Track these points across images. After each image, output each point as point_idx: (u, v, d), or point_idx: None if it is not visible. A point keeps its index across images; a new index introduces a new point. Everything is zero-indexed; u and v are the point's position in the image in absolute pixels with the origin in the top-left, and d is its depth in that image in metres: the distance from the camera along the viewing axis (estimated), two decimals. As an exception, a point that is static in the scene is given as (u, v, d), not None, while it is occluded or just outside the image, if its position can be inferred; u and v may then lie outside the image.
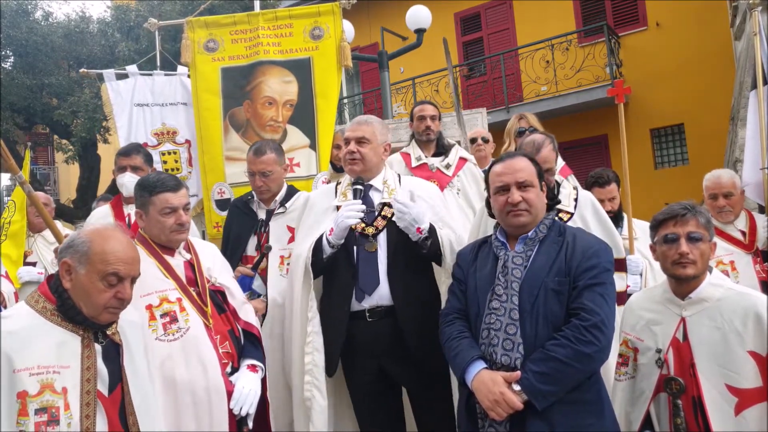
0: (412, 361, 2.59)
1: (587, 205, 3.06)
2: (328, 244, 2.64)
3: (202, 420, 2.30)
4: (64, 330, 1.85)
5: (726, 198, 3.57)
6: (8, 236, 3.86)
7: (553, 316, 2.08)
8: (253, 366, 2.46)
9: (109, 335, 1.95)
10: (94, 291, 1.86)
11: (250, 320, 2.59)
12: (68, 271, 1.88)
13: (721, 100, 9.04)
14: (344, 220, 2.58)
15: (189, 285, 2.45)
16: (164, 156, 4.79)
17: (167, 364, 2.29)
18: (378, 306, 2.62)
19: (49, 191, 16.83)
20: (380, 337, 2.61)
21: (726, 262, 3.48)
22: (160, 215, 2.46)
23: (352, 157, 2.76)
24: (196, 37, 4.53)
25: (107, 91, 4.96)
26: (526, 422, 2.01)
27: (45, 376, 1.75)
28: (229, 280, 2.64)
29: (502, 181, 2.25)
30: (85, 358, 1.84)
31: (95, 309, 1.87)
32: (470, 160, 4.20)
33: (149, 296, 2.35)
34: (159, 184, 2.48)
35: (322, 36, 4.44)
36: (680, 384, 2.11)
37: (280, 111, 4.39)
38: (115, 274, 1.88)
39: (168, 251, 2.51)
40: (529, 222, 2.23)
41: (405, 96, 12.22)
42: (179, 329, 2.35)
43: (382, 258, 2.66)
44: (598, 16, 11.13)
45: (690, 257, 2.13)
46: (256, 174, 3.24)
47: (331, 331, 2.66)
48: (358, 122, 2.85)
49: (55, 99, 11.38)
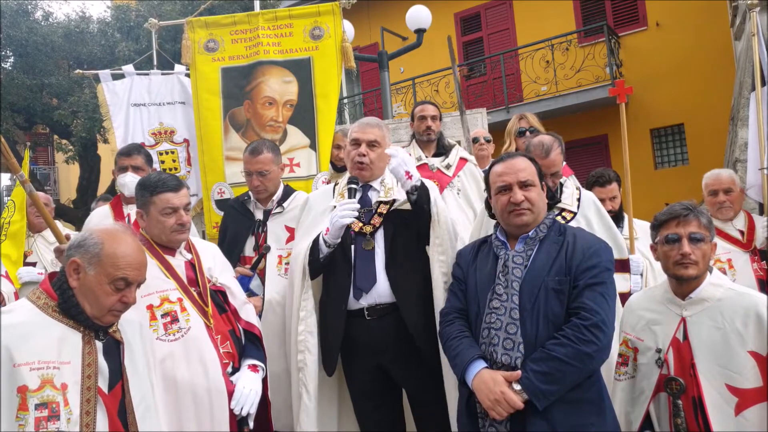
0: (412, 358, 2.59)
1: (590, 205, 3.06)
2: (324, 244, 2.64)
3: (203, 420, 2.30)
4: (65, 326, 1.86)
5: (726, 194, 3.59)
6: (8, 236, 3.85)
7: (554, 316, 2.08)
8: (254, 366, 2.46)
9: (110, 333, 1.96)
10: (101, 293, 1.87)
11: (252, 320, 2.59)
12: (76, 270, 1.88)
13: (721, 100, 9.04)
14: (339, 219, 2.57)
15: (190, 285, 2.46)
16: (162, 156, 4.78)
17: (168, 363, 2.29)
18: (377, 304, 2.62)
19: (49, 191, 16.82)
20: (379, 336, 2.61)
21: (723, 260, 3.49)
22: (160, 215, 2.46)
23: (362, 161, 2.72)
24: (197, 37, 4.53)
25: (103, 92, 4.96)
26: (527, 422, 2.01)
27: (45, 371, 1.75)
28: (230, 280, 2.64)
29: (504, 181, 2.25)
30: (86, 354, 1.85)
31: (99, 310, 1.88)
32: (470, 160, 4.19)
33: (150, 296, 2.34)
34: (160, 184, 2.49)
35: (322, 36, 4.44)
36: (680, 384, 2.11)
37: (281, 111, 4.39)
38: (124, 279, 1.89)
39: (169, 251, 2.51)
40: (531, 221, 2.23)
41: (405, 96, 12.22)
42: (180, 329, 2.35)
43: (379, 256, 2.66)
44: (598, 16, 11.13)
45: (692, 258, 2.13)
46: (253, 174, 3.24)
47: (329, 331, 2.66)
48: (369, 124, 2.80)
49: (55, 99, 11.38)
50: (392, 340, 2.60)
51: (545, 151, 2.90)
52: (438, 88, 11.62)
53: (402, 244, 2.67)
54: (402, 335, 2.58)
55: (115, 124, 4.88)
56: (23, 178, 3.07)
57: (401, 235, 2.67)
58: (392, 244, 2.66)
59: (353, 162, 2.76)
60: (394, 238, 2.67)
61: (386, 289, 2.62)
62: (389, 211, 2.72)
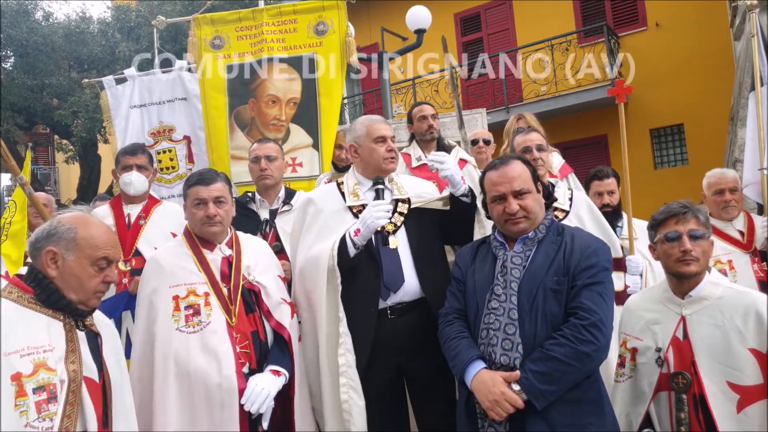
0: (432, 353, 2.54)
1: (582, 204, 3.08)
2: (353, 245, 2.60)
3: (214, 413, 2.32)
4: (44, 315, 1.85)
5: (732, 193, 3.58)
6: (9, 236, 3.85)
7: (552, 316, 2.09)
8: (276, 371, 2.45)
9: (87, 325, 1.95)
10: (85, 276, 1.88)
11: (283, 322, 2.56)
12: (53, 259, 1.88)
13: (721, 100, 9.05)
14: (375, 221, 2.53)
15: (223, 281, 2.49)
16: (159, 155, 4.77)
17: (182, 354, 2.33)
18: (400, 302, 2.61)
19: (49, 191, 16.82)
20: (401, 333, 2.59)
21: (724, 262, 3.48)
22: (192, 207, 2.56)
23: (393, 156, 2.77)
24: (203, 34, 4.51)
25: (107, 98, 4.96)
26: (526, 422, 2.02)
27: (36, 355, 1.75)
28: (268, 280, 2.62)
29: (498, 191, 2.25)
30: (69, 342, 1.85)
31: (85, 294, 1.89)
32: (470, 161, 4.20)
33: (178, 287, 2.40)
34: (194, 177, 2.59)
35: (326, 31, 4.41)
36: (686, 378, 2.10)
37: (284, 109, 4.38)
38: (105, 258, 1.91)
39: (208, 245, 2.57)
40: (528, 227, 2.24)
41: (405, 96, 12.22)
42: (200, 323, 2.40)
43: (404, 254, 2.65)
44: (598, 16, 11.14)
45: (693, 254, 2.14)
46: (261, 158, 3.26)
47: (357, 332, 2.60)
48: (385, 122, 2.86)
49: (55, 99, 11.40)
50: (415, 337, 2.59)
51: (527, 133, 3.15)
52: (438, 88, 11.62)
53: (425, 242, 2.69)
54: (423, 331, 2.57)
55: (116, 129, 4.88)
56: (23, 181, 3.08)
57: (423, 232, 2.69)
58: (417, 243, 2.68)
59: (383, 158, 2.74)
60: (418, 236, 2.69)
61: (415, 287, 2.62)
62: (409, 209, 2.72)
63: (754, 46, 3.93)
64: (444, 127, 4.48)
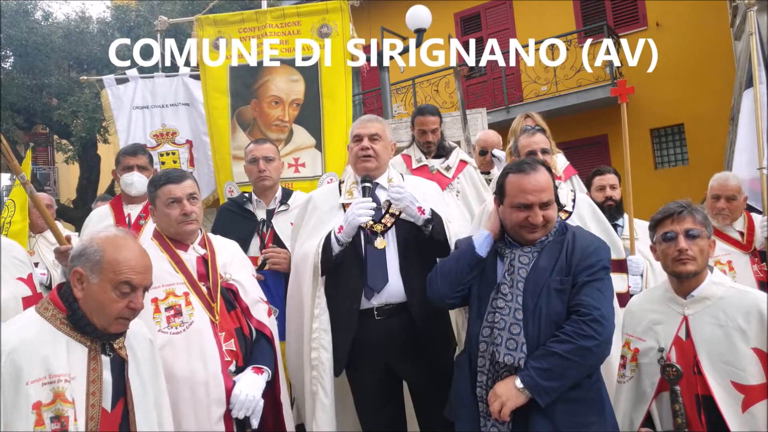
0: (422, 357, 2.59)
1: (585, 205, 3.08)
2: (336, 242, 2.61)
3: (200, 413, 2.29)
4: (72, 339, 1.82)
5: (728, 201, 3.56)
6: (9, 236, 3.85)
7: (557, 316, 2.09)
8: (258, 368, 2.43)
9: (116, 349, 1.91)
10: (106, 301, 1.82)
11: (263, 320, 2.55)
12: (80, 280, 1.84)
13: (721, 100, 9.04)
14: (356, 218, 2.55)
15: (200, 280, 2.45)
16: (162, 157, 4.78)
17: (168, 355, 2.28)
18: (387, 304, 2.61)
19: (49, 191, 16.82)
20: (389, 335, 2.60)
21: (724, 262, 3.48)
22: (165, 207, 2.49)
23: (366, 153, 2.72)
24: (205, 34, 4.51)
25: (107, 97, 4.96)
26: (529, 421, 2.02)
27: (56, 384, 1.73)
28: (244, 278, 2.60)
29: (528, 200, 2.17)
30: (91, 371, 1.81)
31: (106, 319, 1.84)
32: (470, 163, 4.21)
33: (156, 290, 2.35)
34: (163, 177, 2.53)
35: (329, 33, 4.39)
36: (677, 369, 2.10)
37: (287, 110, 4.37)
38: (127, 283, 1.84)
39: (181, 246, 2.52)
40: (543, 235, 2.22)
41: (405, 96, 12.21)
42: (183, 323, 2.35)
43: (391, 255, 2.64)
44: (598, 16, 11.14)
45: (689, 253, 2.13)
46: (259, 159, 3.26)
47: (339, 331, 2.63)
48: (369, 119, 2.84)
49: (55, 99, 11.40)
50: (402, 339, 2.59)
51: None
52: (438, 88, 11.61)
53: (413, 244, 2.66)
54: (411, 334, 2.58)
55: (118, 128, 4.89)
56: (24, 180, 3.07)
57: (413, 235, 2.66)
58: (405, 244, 2.66)
59: (357, 157, 2.74)
60: (406, 238, 2.66)
61: (399, 290, 2.61)
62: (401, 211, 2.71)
63: (752, 44, 3.93)
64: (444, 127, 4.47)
